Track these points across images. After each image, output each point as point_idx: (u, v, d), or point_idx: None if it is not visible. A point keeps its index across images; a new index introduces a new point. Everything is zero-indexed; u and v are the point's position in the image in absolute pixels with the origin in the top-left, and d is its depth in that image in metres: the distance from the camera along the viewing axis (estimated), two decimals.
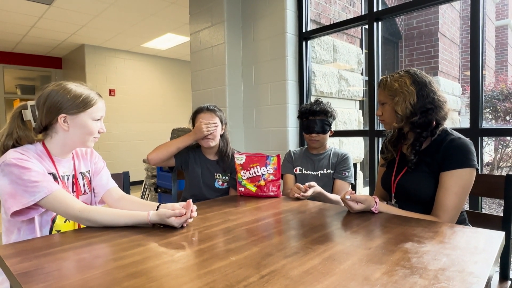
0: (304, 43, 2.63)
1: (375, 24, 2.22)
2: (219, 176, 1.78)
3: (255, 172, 1.58)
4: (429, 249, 0.84)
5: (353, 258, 0.79)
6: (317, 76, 2.85)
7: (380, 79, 1.32)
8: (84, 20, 4.50)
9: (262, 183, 1.57)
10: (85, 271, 0.74)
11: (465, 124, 1.77)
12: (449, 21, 5.27)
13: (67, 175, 1.18)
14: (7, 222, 1.09)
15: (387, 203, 1.38)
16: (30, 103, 1.16)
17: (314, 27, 2.70)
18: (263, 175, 1.57)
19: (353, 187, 1.81)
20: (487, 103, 4.91)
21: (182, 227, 1.07)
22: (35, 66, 6.36)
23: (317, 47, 2.88)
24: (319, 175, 1.78)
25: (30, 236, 1.09)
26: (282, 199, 1.53)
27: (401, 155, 1.36)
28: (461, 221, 1.24)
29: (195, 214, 1.11)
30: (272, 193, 1.57)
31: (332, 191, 1.75)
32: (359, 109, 3.55)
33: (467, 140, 1.19)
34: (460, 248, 0.84)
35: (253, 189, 1.59)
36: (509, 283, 1.25)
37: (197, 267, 0.76)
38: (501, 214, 1.30)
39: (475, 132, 1.78)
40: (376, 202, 1.20)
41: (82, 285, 0.68)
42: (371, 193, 2.32)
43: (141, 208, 1.21)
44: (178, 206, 1.10)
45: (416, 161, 1.25)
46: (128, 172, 1.65)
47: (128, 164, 6.15)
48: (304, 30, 2.61)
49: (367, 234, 0.97)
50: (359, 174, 3.44)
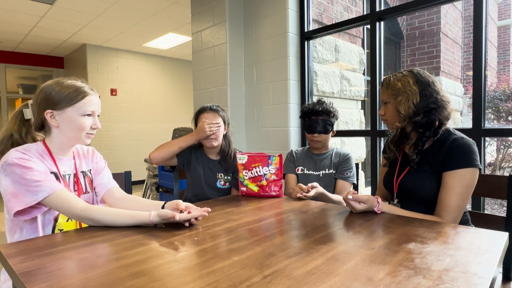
0: (306, 42, 2.62)
1: (377, 24, 2.22)
2: (221, 176, 1.78)
3: (257, 172, 1.58)
4: (432, 250, 0.83)
5: (356, 259, 0.79)
6: (319, 76, 2.85)
7: (383, 78, 1.32)
8: (86, 19, 4.50)
9: (264, 183, 1.57)
10: (87, 271, 0.74)
11: (467, 124, 1.77)
12: (451, 21, 5.26)
13: (68, 174, 1.18)
14: (10, 221, 1.09)
15: (389, 203, 1.38)
16: (30, 102, 1.16)
17: (316, 27, 2.70)
18: (265, 175, 1.57)
19: (355, 187, 1.81)
20: (489, 103, 4.90)
21: (184, 226, 1.07)
22: (37, 66, 6.37)
23: (319, 47, 2.88)
24: (321, 175, 1.78)
25: (33, 235, 1.09)
26: (284, 199, 1.53)
27: (404, 155, 1.35)
28: (464, 222, 1.24)
29: (200, 218, 1.11)
30: (274, 193, 1.57)
31: (334, 191, 1.75)
32: (361, 109, 3.54)
33: (470, 140, 1.19)
34: (463, 248, 0.84)
35: (255, 189, 1.59)
36: None
37: (199, 267, 0.76)
38: (503, 215, 1.29)
39: (478, 132, 1.77)
40: (378, 202, 1.20)
41: (84, 284, 0.68)
42: (373, 193, 2.31)
43: (143, 207, 1.21)
44: (180, 203, 1.11)
45: (418, 161, 1.24)
46: (130, 172, 1.65)
47: (129, 164, 6.16)
48: (306, 30, 2.61)
49: (370, 234, 0.97)
50: (361, 174, 3.43)
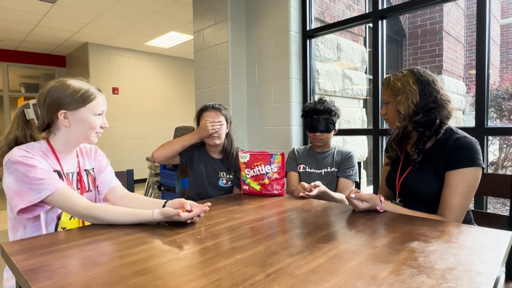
0: (308, 41, 2.62)
1: (379, 22, 2.21)
2: (223, 174, 1.78)
3: (259, 170, 1.58)
4: (435, 249, 0.83)
5: (359, 257, 0.79)
6: (320, 74, 2.84)
7: (384, 78, 1.32)
8: (88, 18, 4.51)
9: (266, 181, 1.57)
10: (90, 269, 0.74)
11: (470, 123, 1.76)
12: (454, 19, 5.23)
13: (71, 172, 1.19)
14: (13, 219, 1.09)
15: (391, 202, 1.38)
16: (32, 102, 1.16)
17: (318, 25, 2.69)
18: (267, 173, 1.57)
19: (358, 185, 1.81)
20: (492, 102, 4.88)
21: (187, 224, 1.07)
22: (39, 64, 6.39)
23: (321, 45, 2.87)
24: (323, 173, 1.77)
25: (36, 233, 1.09)
26: (286, 198, 1.52)
27: (406, 154, 1.35)
28: (467, 221, 1.23)
29: (202, 214, 1.11)
30: (276, 192, 1.57)
31: (336, 190, 1.75)
32: (363, 107, 3.53)
33: (473, 139, 1.18)
34: (467, 247, 0.84)
35: (257, 187, 1.59)
36: None
37: (202, 265, 0.76)
38: (506, 214, 1.29)
39: (481, 131, 1.76)
40: (381, 201, 1.19)
41: (88, 282, 0.68)
42: (375, 192, 2.31)
43: (145, 206, 1.21)
44: (186, 202, 1.11)
45: (421, 160, 1.24)
46: (132, 170, 1.65)
47: (131, 162, 6.17)
48: (308, 28, 2.60)
49: (373, 233, 0.97)
50: (363, 173, 3.43)
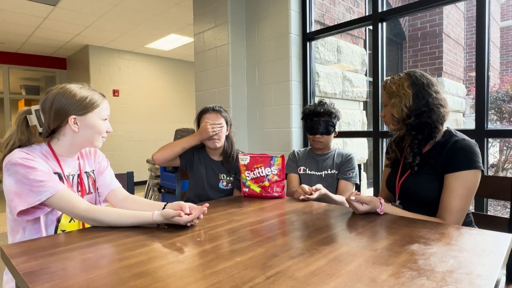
0: (308, 43, 2.62)
1: (379, 24, 2.22)
2: (223, 176, 1.78)
3: (259, 172, 1.58)
4: (436, 251, 0.83)
5: (359, 260, 0.79)
6: (321, 76, 2.84)
7: (383, 81, 1.33)
8: (88, 21, 4.52)
9: (266, 183, 1.57)
10: (90, 271, 0.74)
11: (470, 125, 1.76)
12: (454, 21, 5.24)
13: (72, 175, 1.19)
14: (12, 221, 1.09)
15: (391, 204, 1.38)
16: (34, 108, 1.14)
17: (318, 27, 2.70)
18: (267, 175, 1.57)
19: (358, 187, 1.80)
20: (492, 104, 4.88)
21: (187, 226, 1.07)
22: (39, 67, 6.40)
23: (321, 47, 2.88)
24: (323, 176, 1.77)
25: (35, 236, 1.09)
26: (286, 200, 1.52)
27: (406, 157, 1.35)
28: (467, 223, 1.23)
29: (201, 216, 1.11)
30: (276, 194, 1.57)
31: (336, 192, 1.74)
32: (363, 110, 3.53)
33: (472, 141, 1.18)
34: (467, 250, 0.84)
35: (257, 189, 1.59)
36: None
37: (202, 267, 0.76)
38: (506, 216, 1.29)
39: (481, 133, 1.76)
40: (381, 203, 1.19)
41: (87, 284, 0.68)
42: (375, 194, 2.31)
43: (146, 208, 1.21)
44: (185, 205, 1.11)
45: (420, 162, 1.24)
46: (132, 172, 1.65)
47: (131, 164, 6.17)
48: (308, 31, 2.61)
49: (373, 236, 0.97)
50: (363, 175, 3.43)
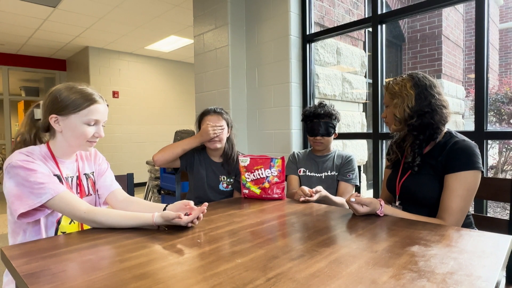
0: (307, 45, 2.63)
1: (378, 26, 2.22)
2: (223, 178, 1.78)
3: (259, 174, 1.58)
4: (436, 253, 0.83)
5: (360, 261, 0.79)
6: (320, 78, 2.85)
7: (386, 82, 1.33)
8: (88, 22, 4.53)
9: (267, 185, 1.57)
10: (91, 273, 0.74)
11: (469, 127, 1.76)
12: (453, 23, 5.26)
13: (70, 177, 1.18)
14: (13, 223, 1.09)
15: (391, 206, 1.38)
16: (41, 102, 1.16)
17: (318, 29, 2.71)
18: (267, 177, 1.57)
19: (358, 189, 1.81)
20: (491, 106, 4.89)
21: (187, 228, 1.07)
22: (39, 68, 6.40)
23: (320, 49, 2.88)
24: (323, 177, 1.78)
25: (36, 238, 1.09)
26: (286, 202, 1.52)
27: (407, 156, 1.36)
28: (467, 225, 1.24)
29: (201, 216, 1.11)
30: (276, 196, 1.57)
31: (336, 193, 1.75)
32: (363, 111, 3.54)
33: (472, 142, 1.19)
34: (467, 251, 0.84)
35: (257, 191, 1.59)
36: None
37: (203, 269, 0.76)
38: (506, 218, 1.29)
39: (480, 135, 1.77)
40: (381, 205, 1.20)
41: (88, 286, 0.68)
42: (375, 196, 2.31)
43: (146, 209, 1.21)
44: (188, 202, 1.11)
45: (420, 163, 1.25)
46: (132, 174, 1.65)
47: (131, 166, 6.17)
48: (307, 33, 2.62)
49: (373, 237, 0.97)
50: (363, 177, 3.43)
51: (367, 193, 3.51)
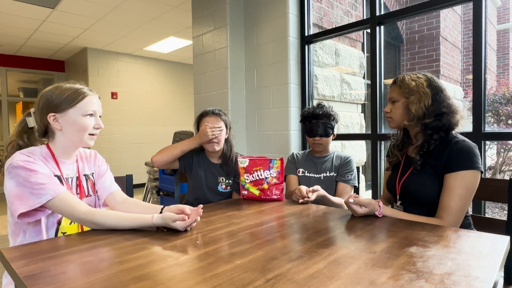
0: (306, 47, 2.64)
1: (377, 28, 2.23)
2: (222, 179, 1.78)
3: (258, 175, 1.58)
4: (434, 253, 0.84)
5: (358, 262, 0.79)
6: (319, 79, 2.86)
7: (396, 77, 1.32)
8: (87, 23, 4.52)
9: (266, 186, 1.57)
10: (90, 274, 0.74)
11: (467, 127, 1.77)
12: (451, 25, 5.28)
13: (71, 177, 1.19)
14: (13, 224, 1.09)
15: (392, 206, 1.39)
16: (32, 110, 1.17)
17: (316, 31, 2.71)
18: (266, 178, 1.57)
19: (356, 190, 1.81)
20: (489, 107, 4.90)
21: (185, 230, 1.07)
22: (38, 69, 6.39)
23: (319, 50, 2.89)
24: (321, 178, 1.78)
25: (36, 238, 1.09)
26: (285, 203, 1.53)
27: (406, 158, 1.36)
28: (466, 226, 1.24)
29: (198, 218, 1.11)
30: (275, 197, 1.57)
31: (335, 194, 1.75)
32: (361, 112, 3.55)
33: (472, 143, 1.20)
34: (465, 252, 0.84)
35: (256, 192, 1.59)
36: None
37: (202, 270, 0.77)
38: (504, 218, 1.29)
39: (478, 136, 1.78)
40: (379, 206, 1.20)
41: (87, 287, 0.68)
42: (374, 196, 2.32)
43: (144, 211, 1.21)
44: (184, 207, 1.11)
45: (421, 162, 1.25)
46: (131, 175, 1.65)
47: (130, 167, 6.15)
48: (306, 34, 2.63)
49: (372, 238, 0.97)
50: (361, 178, 3.43)
51: (366, 194, 3.51)
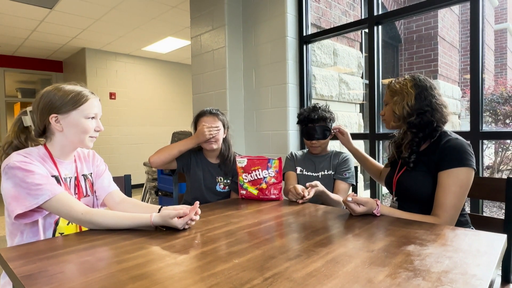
0: (304, 46, 2.64)
1: (375, 28, 2.24)
2: (220, 179, 1.78)
3: (256, 175, 1.59)
4: (431, 252, 0.84)
5: (356, 261, 0.79)
6: (317, 79, 2.86)
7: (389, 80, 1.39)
8: (85, 24, 4.52)
9: (264, 186, 1.57)
10: (88, 274, 0.74)
11: (466, 127, 1.78)
12: (449, 24, 5.30)
13: (69, 178, 1.19)
14: (10, 225, 1.09)
15: (390, 205, 1.40)
16: (29, 108, 1.16)
17: (315, 31, 2.72)
18: (264, 178, 1.58)
19: (354, 188, 1.81)
20: (486, 107, 4.92)
21: (184, 229, 1.07)
22: (36, 70, 6.38)
23: (317, 50, 2.90)
24: (320, 176, 1.78)
25: (34, 239, 1.09)
26: (283, 202, 1.53)
27: (403, 152, 1.39)
28: (464, 224, 1.25)
29: (197, 217, 1.11)
30: (273, 196, 1.57)
31: (332, 192, 1.75)
32: (359, 112, 3.56)
33: (464, 140, 1.21)
34: (462, 250, 0.85)
35: (255, 192, 1.59)
36: (511, 286, 1.25)
37: (200, 269, 0.77)
38: (501, 217, 1.30)
39: (476, 135, 1.78)
40: (377, 205, 1.21)
41: (86, 287, 0.68)
42: (372, 196, 2.32)
43: (143, 211, 1.21)
44: (179, 208, 1.11)
45: (414, 160, 1.28)
46: (130, 175, 1.65)
47: (128, 167, 6.15)
48: (304, 34, 2.63)
49: (369, 237, 0.98)
50: (360, 177, 3.44)
51: (364, 193, 3.52)
